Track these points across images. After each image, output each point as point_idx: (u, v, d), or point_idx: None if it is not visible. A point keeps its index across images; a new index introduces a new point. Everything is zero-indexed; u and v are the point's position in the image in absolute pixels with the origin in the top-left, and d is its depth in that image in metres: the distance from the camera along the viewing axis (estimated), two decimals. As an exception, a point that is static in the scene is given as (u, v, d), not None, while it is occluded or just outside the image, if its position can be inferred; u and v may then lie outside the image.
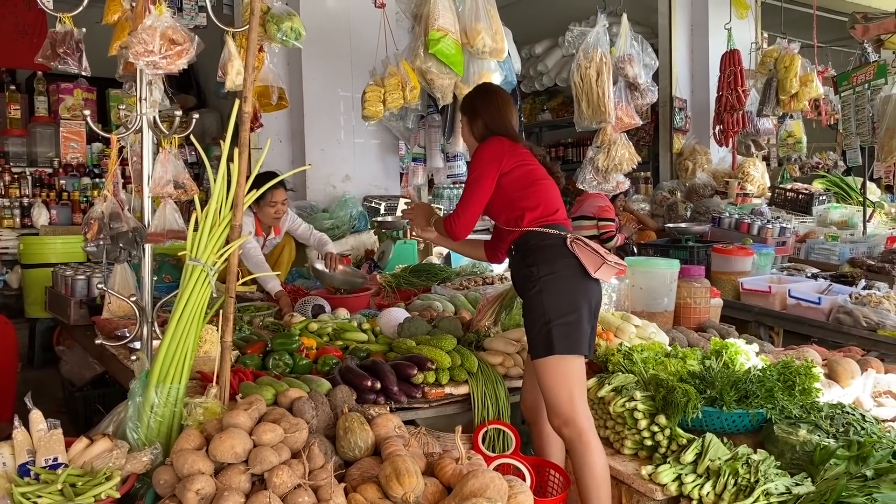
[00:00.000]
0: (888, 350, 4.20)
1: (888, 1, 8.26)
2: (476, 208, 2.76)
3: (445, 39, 4.52)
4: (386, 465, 2.18)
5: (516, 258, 2.76)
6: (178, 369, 2.36)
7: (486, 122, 2.89)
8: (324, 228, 5.55)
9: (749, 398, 2.84)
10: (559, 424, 2.59)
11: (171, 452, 2.17)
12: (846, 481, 2.37)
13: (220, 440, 2.13)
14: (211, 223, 2.34)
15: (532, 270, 2.63)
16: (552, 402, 2.60)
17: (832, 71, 8.17)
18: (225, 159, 2.32)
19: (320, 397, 2.56)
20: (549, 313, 2.57)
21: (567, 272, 2.63)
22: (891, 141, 6.30)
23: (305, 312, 3.87)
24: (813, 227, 6.99)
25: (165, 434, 2.34)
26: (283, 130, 6.28)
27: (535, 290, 2.61)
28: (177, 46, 2.22)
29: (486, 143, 2.81)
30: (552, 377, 2.58)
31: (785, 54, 7.00)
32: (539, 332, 2.59)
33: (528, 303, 2.65)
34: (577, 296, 2.64)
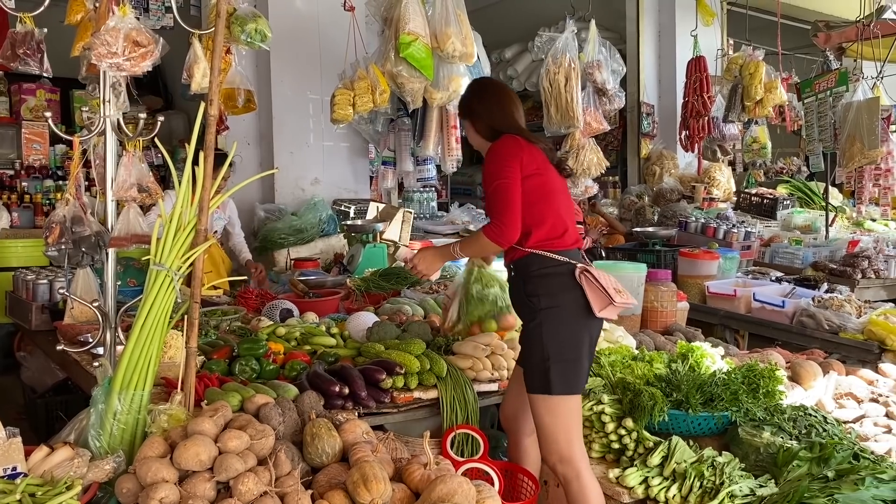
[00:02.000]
0: (849, 352, 4.28)
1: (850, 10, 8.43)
2: (515, 206, 2.51)
3: (416, 43, 4.52)
4: (353, 471, 2.17)
5: (515, 281, 2.62)
6: (142, 376, 2.32)
7: (489, 121, 2.72)
8: (292, 231, 5.52)
9: (714, 401, 2.88)
10: (554, 462, 2.51)
11: (135, 460, 2.13)
12: (808, 482, 2.41)
13: (184, 447, 2.09)
14: (175, 227, 2.30)
15: (533, 301, 2.51)
16: (548, 440, 2.51)
17: (796, 78, 8.33)
18: (190, 162, 2.29)
19: (287, 403, 2.54)
20: (549, 350, 2.47)
21: (571, 307, 2.50)
22: (852, 147, 6.43)
23: (273, 316, 3.83)
24: (777, 231, 7.10)
25: (129, 442, 2.30)
26: (252, 133, 6.22)
27: (535, 323, 2.50)
28: (141, 48, 2.19)
29: (500, 141, 2.62)
30: (548, 415, 2.50)
31: (750, 61, 7.11)
32: (536, 368, 2.50)
33: (527, 333, 2.56)
34: (580, 332, 2.53)
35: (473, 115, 2.76)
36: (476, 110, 2.75)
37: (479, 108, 2.75)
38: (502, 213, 2.52)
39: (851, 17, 7.76)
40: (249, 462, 2.15)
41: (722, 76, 7.60)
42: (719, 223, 6.37)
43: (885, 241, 6.53)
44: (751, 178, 8.78)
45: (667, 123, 8.37)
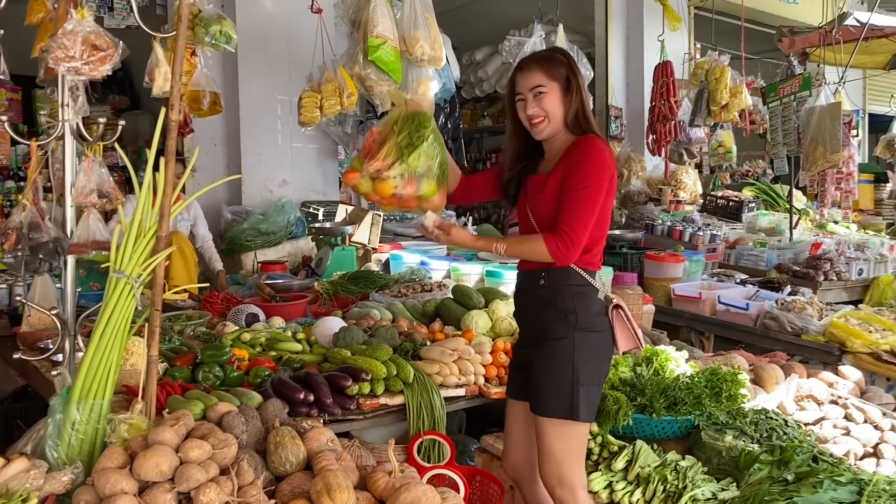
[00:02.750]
0: (811, 354, 4.35)
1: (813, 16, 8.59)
2: (589, 225, 2.31)
3: (385, 46, 4.51)
4: (317, 480, 2.15)
5: (545, 292, 2.41)
6: (102, 385, 2.28)
7: (582, 108, 2.39)
8: (260, 234, 5.47)
9: (678, 405, 2.92)
10: (554, 485, 2.40)
11: (93, 472, 2.09)
12: (768, 486, 2.44)
13: (144, 458, 2.06)
14: (136, 234, 2.27)
15: (569, 318, 2.35)
16: (553, 464, 2.39)
17: (761, 82, 8.45)
18: (150, 168, 2.26)
19: (251, 411, 2.51)
20: (580, 373, 2.33)
21: (602, 333, 2.40)
22: (814, 151, 6.54)
23: (238, 321, 3.79)
24: (742, 233, 7.20)
25: (88, 452, 2.25)
26: (219, 134, 6.16)
27: (566, 341, 2.34)
28: (100, 52, 2.15)
29: (600, 142, 2.36)
30: (560, 440, 2.36)
31: (715, 66, 7.21)
32: (560, 390, 2.33)
33: (553, 351, 2.36)
34: (608, 360, 2.47)
35: (568, 88, 2.38)
36: (576, 83, 2.39)
37: (577, 84, 2.39)
38: (576, 228, 2.29)
39: (815, 23, 7.91)
40: (211, 472, 2.13)
41: (689, 80, 7.68)
42: (685, 226, 6.44)
43: (846, 244, 6.66)
44: (717, 180, 8.89)
45: (635, 126, 8.44)
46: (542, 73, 2.37)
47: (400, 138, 2.33)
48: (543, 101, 2.36)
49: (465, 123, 10.83)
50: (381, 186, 2.38)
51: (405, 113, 2.40)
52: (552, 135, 2.42)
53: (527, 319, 2.53)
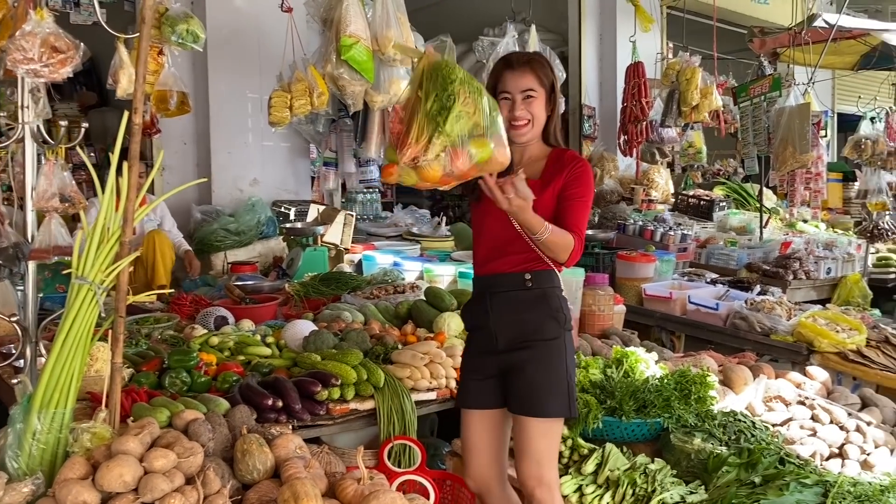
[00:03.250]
0: (780, 354, 4.40)
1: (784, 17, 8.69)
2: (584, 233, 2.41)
3: (357, 46, 4.47)
4: (284, 488, 2.13)
5: (533, 293, 2.39)
6: (64, 393, 2.23)
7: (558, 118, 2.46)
8: (230, 234, 5.41)
9: (647, 407, 2.93)
10: (534, 486, 2.37)
11: (55, 483, 2.05)
12: (736, 489, 2.46)
13: (107, 468, 2.02)
14: (99, 239, 2.22)
15: (559, 317, 2.38)
16: (535, 463, 2.36)
17: (733, 81, 8.53)
18: (113, 172, 2.22)
19: (218, 418, 2.48)
20: (570, 372, 2.38)
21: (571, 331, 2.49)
22: (784, 151, 6.62)
23: (207, 324, 3.74)
24: (713, 232, 7.27)
25: (49, 462, 2.21)
26: (188, 132, 6.08)
27: (560, 340, 2.37)
28: (60, 54, 2.10)
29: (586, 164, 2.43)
30: (545, 439, 2.36)
31: (686, 67, 7.26)
32: (555, 390, 2.34)
33: (549, 351, 2.37)
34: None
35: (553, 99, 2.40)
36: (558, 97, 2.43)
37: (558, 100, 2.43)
38: (583, 234, 2.37)
39: (785, 24, 8.00)
40: (177, 481, 2.09)
41: (661, 80, 7.73)
42: (656, 225, 6.48)
43: (815, 243, 6.76)
44: (688, 179, 8.96)
45: (607, 126, 8.49)
46: (535, 77, 2.36)
47: (429, 105, 1.99)
48: (532, 105, 2.35)
49: (440, 121, 10.79)
50: (426, 173, 2.03)
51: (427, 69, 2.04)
52: (530, 140, 2.41)
53: (512, 324, 2.40)
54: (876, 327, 4.41)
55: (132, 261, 2.27)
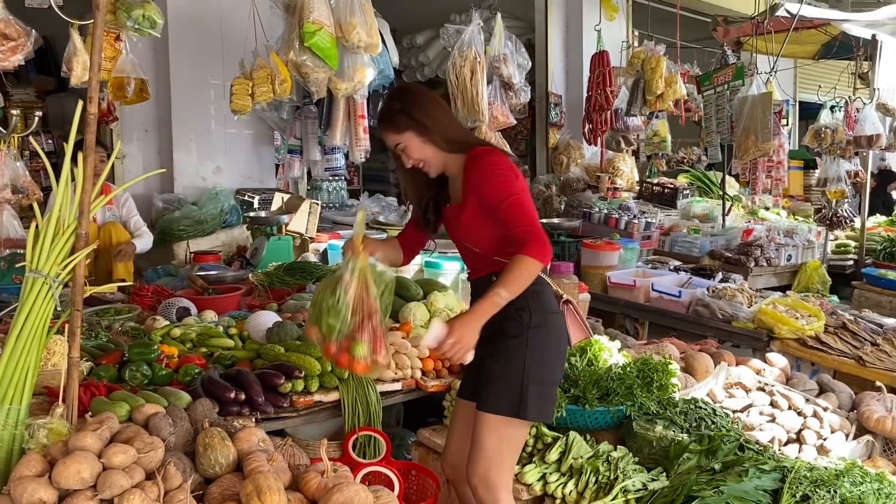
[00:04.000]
0: (741, 340, 4.48)
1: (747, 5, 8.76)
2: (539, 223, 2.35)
3: (321, 33, 4.42)
4: (247, 482, 2.11)
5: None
6: (19, 389, 2.19)
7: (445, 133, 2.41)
8: (192, 224, 5.33)
9: (610, 396, 2.95)
10: (477, 484, 2.37)
11: (10, 480, 2.01)
12: (697, 475, 2.50)
13: (64, 465, 1.99)
14: (53, 231, 2.17)
15: (522, 316, 2.33)
16: (482, 462, 2.35)
17: (697, 70, 8.60)
18: (68, 161, 2.16)
19: (179, 412, 2.45)
20: (530, 371, 2.31)
21: (556, 331, 2.42)
22: (746, 140, 6.69)
23: (169, 315, 3.69)
24: (677, 220, 7.35)
25: (4, 460, 2.16)
26: (150, 119, 5.97)
27: (520, 340, 2.32)
28: (10, 42, 2.04)
29: (491, 151, 2.40)
30: (500, 442, 2.34)
31: (651, 56, 7.30)
32: (509, 388, 2.31)
33: (506, 348, 2.34)
34: (562, 358, 2.47)
35: (422, 128, 2.39)
36: (424, 122, 2.40)
37: (428, 119, 2.40)
38: (537, 227, 2.29)
39: (749, 13, 8.07)
40: (136, 477, 2.06)
41: (626, 69, 7.77)
42: (621, 214, 6.54)
43: (776, 230, 6.87)
44: (653, 167, 9.04)
45: (574, 114, 8.51)
46: (392, 132, 2.42)
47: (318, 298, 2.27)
48: (410, 152, 2.42)
49: (406, 109, 10.74)
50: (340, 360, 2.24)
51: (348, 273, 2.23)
52: (441, 168, 2.47)
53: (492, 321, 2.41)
54: (834, 314, 4.50)
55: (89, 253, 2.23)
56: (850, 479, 2.44)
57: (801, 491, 2.37)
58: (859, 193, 7.74)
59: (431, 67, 9.58)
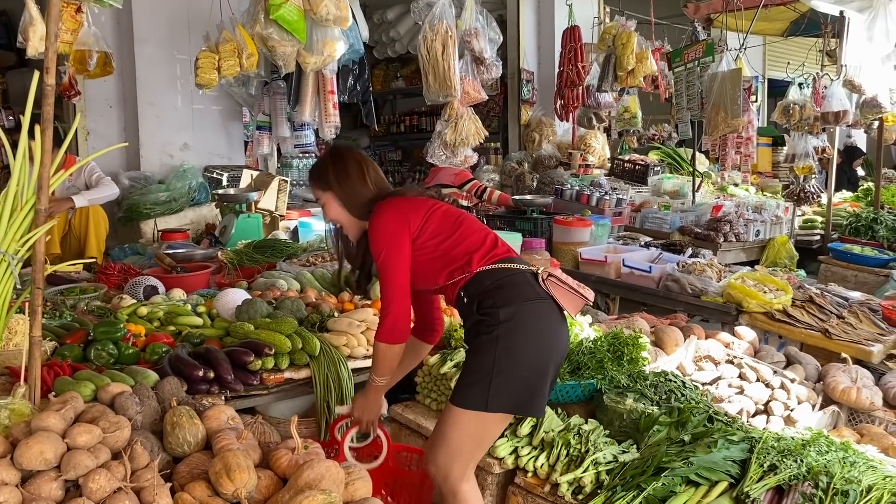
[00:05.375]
0: (710, 314, 4.53)
1: (718, -18, 8.77)
2: (402, 292, 2.34)
3: (287, 5, 4.33)
4: (216, 460, 2.08)
5: (467, 305, 2.34)
6: (-22, 369, 2.14)
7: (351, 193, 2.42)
8: (160, 202, 5.25)
9: (581, 369, 2.97)
10: (435, 472, 2.33)
11: (-29, 462, 1.96)
12: (666, 447, 2.52)
13: (26, 446, 1.95)
14: (11, 208, 2.11)
15: (489, 314, 2.26)
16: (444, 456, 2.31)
17: (668, 46, 8.61)
18: (24, 135, 2.10)
19: (146, 390, 2.41)
20: (498, 364, 2.23)
21: (533, 319, 2.29)
22: (716, 116, 6.73)
23: (136, 294, 3.63)
24: (648, 196, 7.38)
25: (-35, 441, 2.11)
26: (113, 95, 5.84)
27: (491, 336, 2.25)
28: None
29: (376, 214, 2.36)
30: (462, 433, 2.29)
31: (622, 32, 7.28)
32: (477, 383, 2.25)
33: (478, 346, 2.29)
34: (541, 350, 2.29)
35: (329, 187, 2.43)
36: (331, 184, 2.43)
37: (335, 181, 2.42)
38: (388, 305, 2.34)
39: (719, -11, 8.07)
40: (102, 457, 2.03)
41: (597, 45, 7.74)
42: (592, 190, 6.55)
43: (745, 206, 6.94)
44: (624, 144, 9.06)
45: (546, 91, 8.48)
46: (316, 185, 2.47)
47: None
48: (327, 212, 2.48)
49: (378, 85, 10.65)
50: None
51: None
52: (358, 233, 2.49)
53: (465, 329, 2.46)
54: (801, 287, 4.56)
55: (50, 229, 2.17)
56: (816, 449, 2.47)
57: (769, 461, 2.40)
58: (826, 169, 7.83)
59: (402, 43, 9.50)
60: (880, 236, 6.67)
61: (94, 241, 4.77)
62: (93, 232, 4.76)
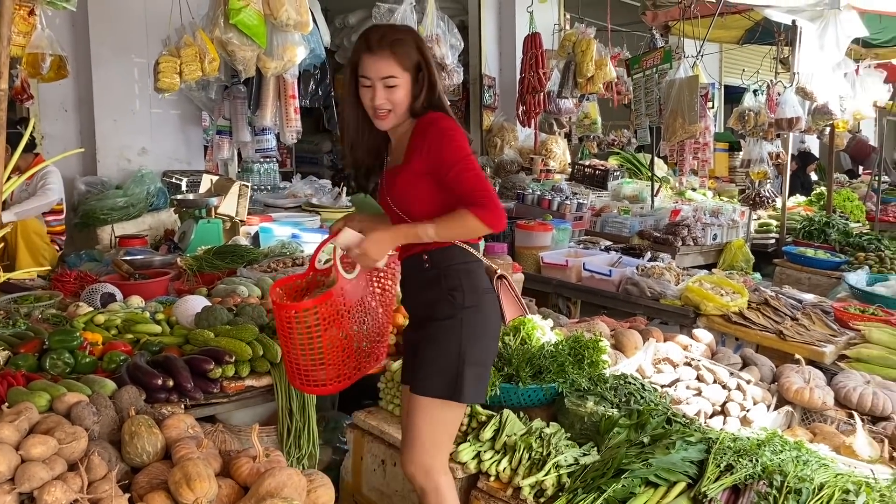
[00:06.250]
0: (669, 317, 4.60)
1: (675, -11, 8.91)
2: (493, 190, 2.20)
3: (247, 10, 4.29)
4: (176, 469, 2.06)
5: (430, 274, 2.27)
6: (-72, 380, 2.08)
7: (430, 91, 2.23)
8: (117, 207, 5.16)
9: (543, 373, 3.00)
10: (414, 471, 2.31)
11: (-80, 476, 1.92)
12: (626, 449, 2.56)
13: (-21, 459, 1.91)
14: (-37, 215, 2.07)
15: (454, 296, 2.24)
16: (418, 449, 2.29)
17: (627, 53, 8.73)
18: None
19: (104, 400, 2.38)
20: (466, 352, 2.23)
21: (490, 309, 2.32)
22: (674, 122, 6.84)
23: (93, 302, 3.57)
24: (608, 201, 7.49)
25: (-86, 454, 2.05)
26: (69, 99, 5.73)
27: (454, 321, 2.23)
28: None
29: (445, 119, 2.22)
30: (432, 423, 2.27)
31: (582, 39, 7.37)
32: (445, 371, 2.23)
33: (439, 331, 2.26)
34: (496, 338, 2.36)
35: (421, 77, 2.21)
36: (425, 72, 2.21)
37: (429, 70, 2.22)
38: (491, 193, 2.14)
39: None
40: (57, 469, 1.99)
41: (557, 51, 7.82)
42: (553, 195, 6.62)
43: (702, 210, 7.06)
44: (585, 149, 9.17)
45: (507, 96, 8.54)
46: (395, 62, 2.17)
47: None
48: (394, 93, 2.19)
49: (340, 89, 10.57)
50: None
51: None
52: (395, 125, 2.27)
53: (414, 303, 2.39)
54: (757, 290, 4.66)
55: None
56: (771, 448, 2.53)
57: (726, 461, 2.45)
58: (780, 174, 8.01)
59: (364, 48, 9.46)
60: (832, 240, 6.86)
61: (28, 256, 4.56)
62: (23, 247, 4.56)
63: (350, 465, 3.15)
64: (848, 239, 6.81)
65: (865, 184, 10.68)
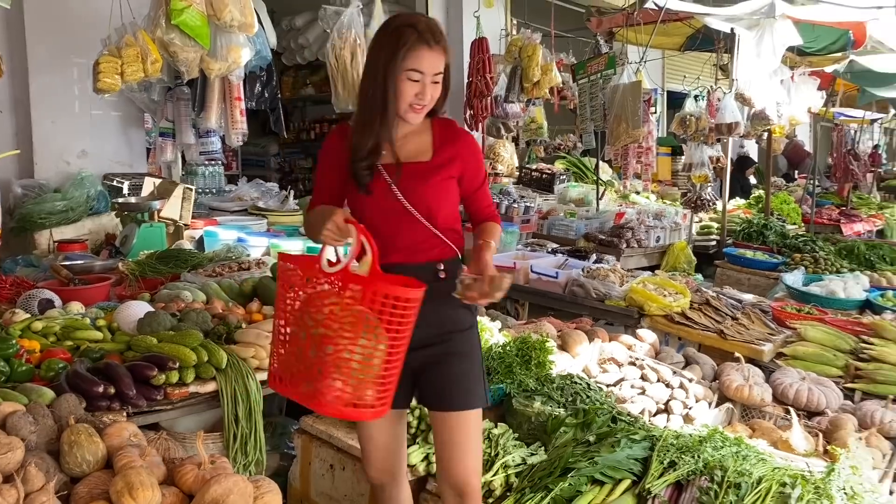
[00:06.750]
0: (614, 318, 4.68)
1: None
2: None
3: (189, 10, 4.22)
4: (117, 479, 2.02)
5: (446, 285, 2.14)
6: None
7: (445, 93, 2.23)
8: (55, 211, 5.01)
9: (491, 375, 3.02)
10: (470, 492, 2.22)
11: None
12: (573, 448, 2.60)
13: None
14: None
15: (471, 305, 2.22)
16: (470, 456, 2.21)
17: (572, 59, 8.86)
18: None
19: (41, 409, 2.31)
20: (481, 357, 2.31)
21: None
22: (618, 127, 6.97)
23: (30, 308, 3.46)
24: (555, 204, 7.58)
25: None
26: (4, 99, 5.54)
27: (474, 330, 2.26)
28: None
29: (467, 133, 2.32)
30: (479, 435, 2.27)
31: (528, 44, 7.44)
32: (479, 378, 2.23)
33: (465, 342, 2.21)
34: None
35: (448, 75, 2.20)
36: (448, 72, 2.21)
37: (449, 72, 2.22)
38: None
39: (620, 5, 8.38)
40: (-8, 481, 1.94)
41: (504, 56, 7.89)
42: (501, 198, 6.68)
43: (646, 213, 7.21)
44: (532, 153, 9.26)
45: (456, 101, 8.53)
46: (445, 58, 2.16)
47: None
48: (437, 89, 2.17)
49: (287, 91, 10.52)
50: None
51: None
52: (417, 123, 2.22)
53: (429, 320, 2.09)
54: (698, 291, 4.78)
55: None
56: (712, 445, 2.61)
57: (669, 458, 2.51)
58: (720, 178, 8.22)
59: (311, 50, 9.40)
60: (770, 241, 7.07)
61: None
62: None
63: (298, 471, 3.12)
64: (785, 241, 7.03)
65: (801, 187, 11.06)
